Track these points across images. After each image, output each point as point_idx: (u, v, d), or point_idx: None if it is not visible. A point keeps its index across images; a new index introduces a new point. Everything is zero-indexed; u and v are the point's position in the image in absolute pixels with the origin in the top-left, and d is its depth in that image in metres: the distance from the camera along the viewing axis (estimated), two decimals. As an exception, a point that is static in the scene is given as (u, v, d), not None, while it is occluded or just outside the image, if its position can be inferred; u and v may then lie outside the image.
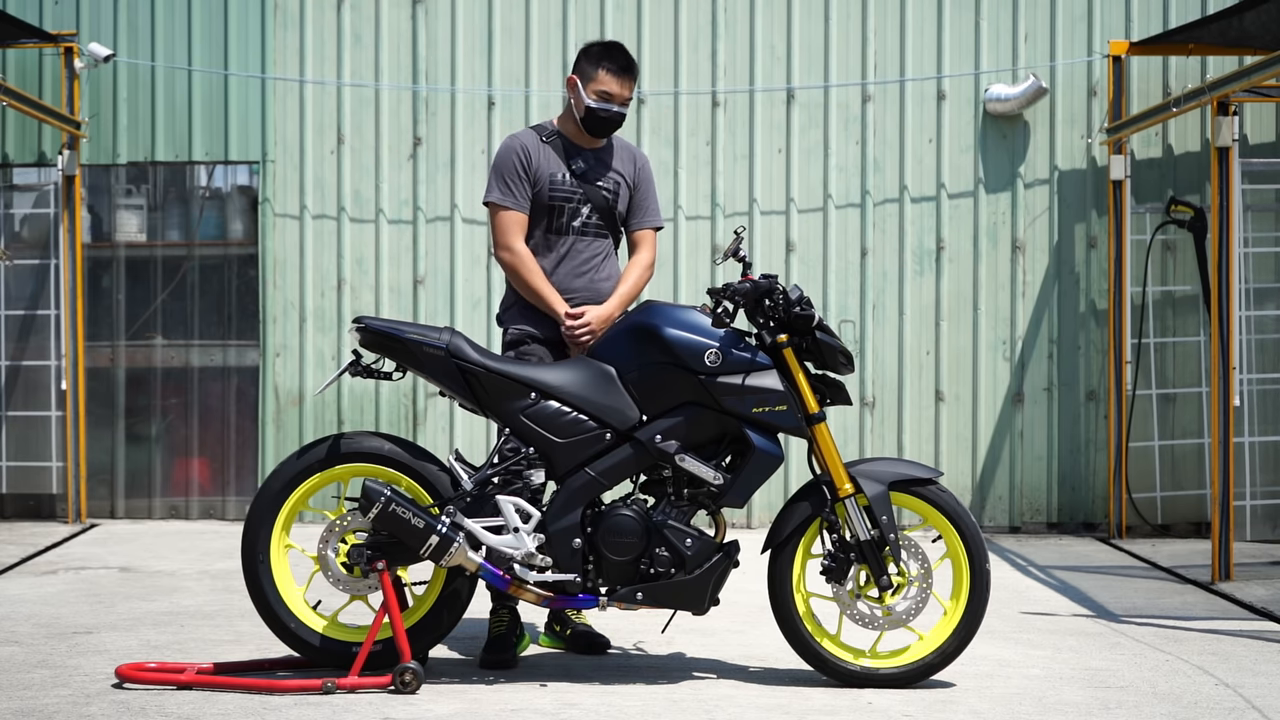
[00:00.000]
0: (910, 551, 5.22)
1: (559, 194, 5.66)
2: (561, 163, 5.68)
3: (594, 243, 5.71)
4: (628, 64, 5.65)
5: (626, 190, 5.76)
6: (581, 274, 5.70)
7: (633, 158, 5.81)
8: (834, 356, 5.23)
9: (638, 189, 5.79)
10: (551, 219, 5.68)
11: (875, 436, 9.21)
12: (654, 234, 5.82)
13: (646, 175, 5.82)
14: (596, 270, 5.72)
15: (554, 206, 5.66)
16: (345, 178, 9.32)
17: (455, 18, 9.33)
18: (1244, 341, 8.75)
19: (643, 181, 5.80)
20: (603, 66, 5.62)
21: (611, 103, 5.62)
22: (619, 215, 5.76)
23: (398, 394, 9.27)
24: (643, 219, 5.80)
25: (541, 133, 5.74)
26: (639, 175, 5.79)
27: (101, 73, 9.28)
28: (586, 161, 5.70)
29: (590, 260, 5.71)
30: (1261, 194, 9.07)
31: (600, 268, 5.73)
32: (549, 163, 5.67)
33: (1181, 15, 9.12)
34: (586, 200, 5.68)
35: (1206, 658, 5.73)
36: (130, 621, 6.23)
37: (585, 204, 5.68)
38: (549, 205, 5.66)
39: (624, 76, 5.63)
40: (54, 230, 9.14)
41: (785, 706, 4.92)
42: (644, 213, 5.80)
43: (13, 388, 9.27)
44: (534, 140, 5.70)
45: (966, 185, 9.25)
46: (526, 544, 5.14)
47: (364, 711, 4.77)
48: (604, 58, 5.64)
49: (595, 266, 5.72)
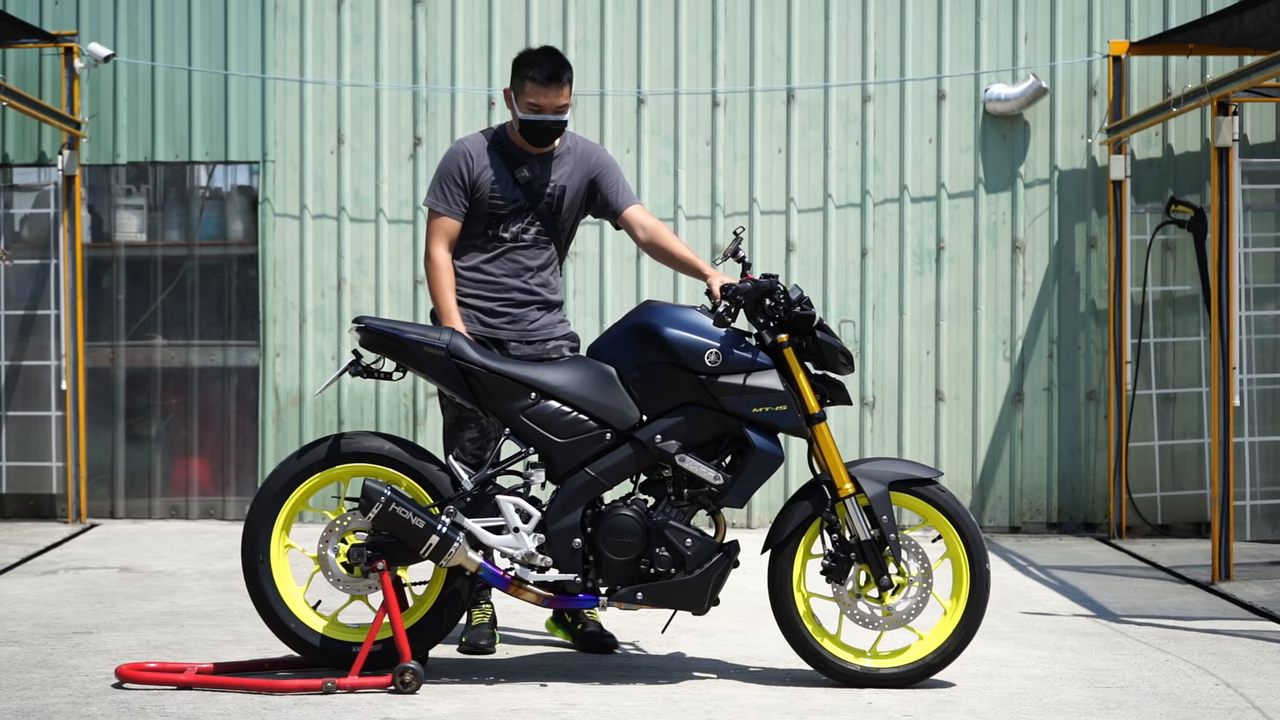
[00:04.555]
0: (910, 551, 5.22)
1: (498, 200, 5.64)
2: (506, 170, 5.66)
3: (533, 250, 5.70)
4: (554, 72, 5.58)
5: (575, 195, 5.72)
6: (517, 277, 5.68)
7: (585, 157, 5.75)
8: (834, 356, 5.23)
9: (602, 180, 5.74)
10: (489, 225, 5.67)
11: (875, 436, 9.21)
12: (640, 206, 5.77)
13: (605, 165, 5.76)
14: (534, 275, 5.70)
15: (493, 214, 5.65)
16: (345, 178, 9.32)
17: (455, 18, 9.33)
18: (1244, 341, 8.75)
19: (604, 173, 5.74)
20: (529, 78, 5.58)
21: (543, 113, 5.60)
22: (561, 220, 5.73)
23: (398, 394, 9.27)
24: (620, 200, 5.74)
25: (489, 137, 5.73)
26: (596, 170, 5.74)
27: (101, 73, 9.28)
28: (533, 169, 5.68)
29: (528, 266, 5.69)
30: (1261, 194, 9.07)
31: (537, 274, 5.71)
32: (493, 169, 5.65)
33: (1181, 15, 9.12)
34: (529, 209, 5.66)
35: (1206, 658, 5.73)
36: (130, 621, 6.23)
37: (527, 212, 5.66)
38: (489, 212, 5.65)
39: (550, 86, 5.57)
40: (54, 230, 9.14)
41: (785, 706, 4.92)
42: (619, 193, 5.75)
43: (13, 388, 9.27)
44: (480, 146, 5.70)
45: (966, 185, 9.25)
46: (526, 544, 5.15)
47: (364, 711, 4.78)
48: (531, 68, 5.60)
49: (533, 271, 5.70)
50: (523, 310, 5.70)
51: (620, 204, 5.74)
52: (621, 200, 5.75)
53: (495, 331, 5.66)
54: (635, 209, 5.75)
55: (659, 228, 5.71)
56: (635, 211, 5.75)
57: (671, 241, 5.69)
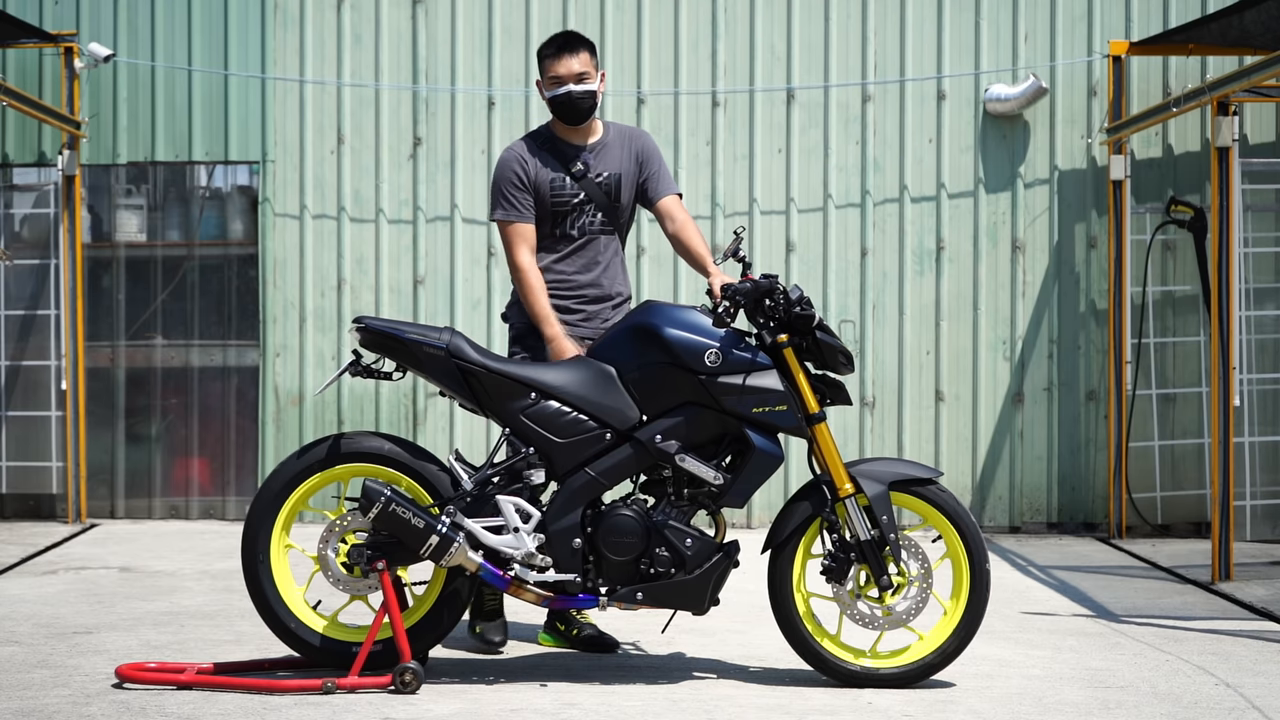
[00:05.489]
0: (910, 551, 5.22)
1: (560, 199, 5.66)
2: (560, 166, 5.67)
3: (600, 240, 5.72)
4: (565, 42, 5.64)
5: (629, 179, 5.74)
6: (589, 271, 5.71)
7: (630, 140, 5.78)
8: (834, 356, 5.23)
9: (646, 166, 5.75)
10: (555, 224, 5.68)
11: (875, 436, 9.21)
12: (678, 199, 5.78)
13: (650, 151, 5.78)
14: (604, 269, 5.73)
15: (557, 212, 5.67)
16: (345, 178, 9.32)
17: (455, 18, 9.33)
18: (1244, 341, 8.75)
19: (648, 158, 5.77)
20: (544, 57, 5.66)
21: (565, 83, 5.61)
22: (621, 209, 5.75)
23: (398, 394, 9.27)
24: (660, 189, 5.76)
25: (536, 139, 5.74)
26: (643, 155, 5.76)
27: (101, 73, 9.28)
28: (585, 161, 5.70)
29: (598, 260, 5.72)
30: (1261, 194, 9.07)
31: (610, 265, 5.74)
32: (547, 168, 5.66)
33: (1181, 15, 9.12)
34: (589, 200, 5.68)
35: (1206, 658, 5.73)
36: (130, 621, 6.23)
37: (588, 204, 5.68)
38: (552, 211, 5.67)
39: (563, 54, 5.61)
40: (54, 230, 9.14)
41: (785, 706, 4.93)
42: (659, 182, 5.76)
43: (13, 388, 9.27)
44: (530, 149, 5.70)
45: (966, 185, 9.25)
46: (526, 544, 5.15)
47: (364, 711, 4.78)
48: (545, 48, 5.68)
49: (604, 264, 5.73)
50: (598, 307, 5.72)
51: (660, 192, 5.76)
52: (662, 188, 5.77)
53: (573, 330, 5.66)
54: (672, 199, 5.77)
55: (688, 223, 5.72)
56: (672, 202, 5.76)
57: (693, 238, 5.70)
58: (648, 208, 5.81)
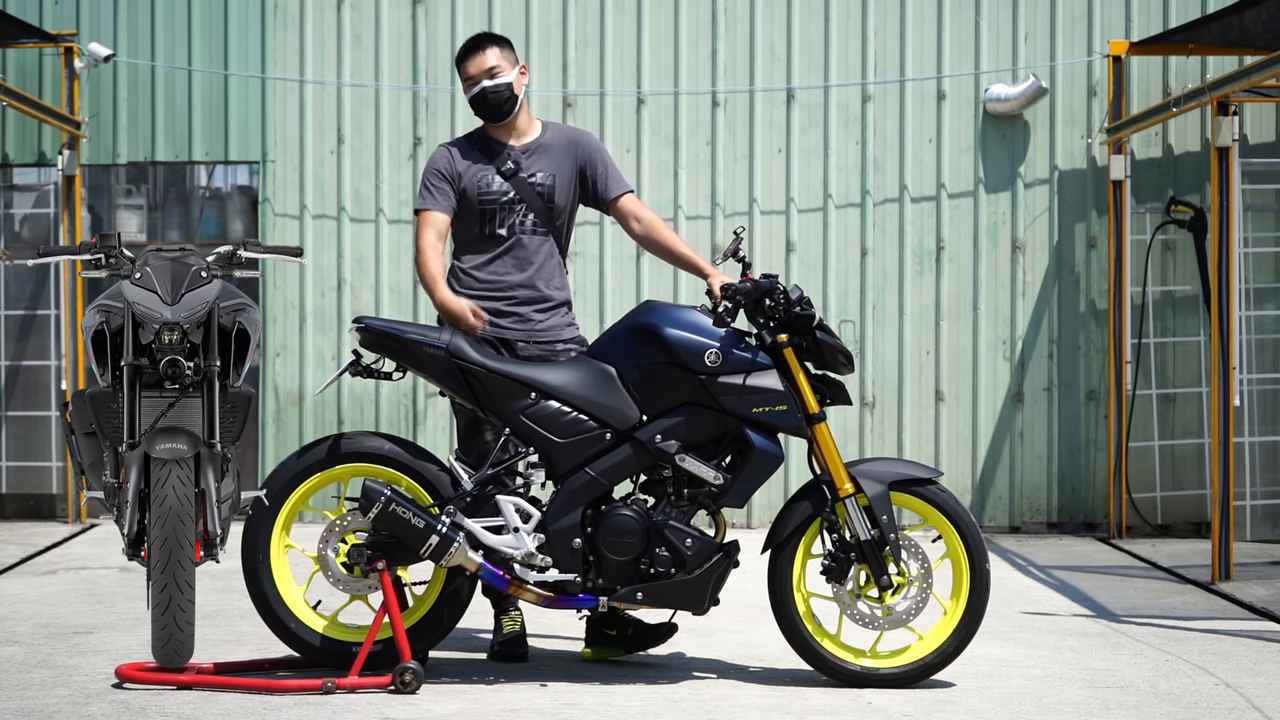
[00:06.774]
0: (910, 551, 5.22)
1: (488, 196, 5.58)
2: (489, 164, 5.61)
3: (533, 241, 5.60)
4: (474, 42, 5.64)
5: (566, 181, 5.64)
6: (520, 271, 5.58)
7: (572, 142, 5.68)
8: (834, 356, 5.23)
9: (591, 167, 5.66)
10: (484, 223, 5.60)
11: (875, 436, 9.21)
12: (633, 196, 5.70)
13: (593, 151, 5.68)
14: (538, 270, 5.60)
15: (485, 210, 5.59)
16: (345, 178, 9.32)
17: (455, 18, 9.33)
18: (1244, 341, 8.75)
19: (591, 159, 5.66)
20: (458, 64, 5.68)
21: (478, 81, 5.59)
22: (556, 211, 5.63)
23: (398, 394, 9.27)
24: (611, 187, 5.66)
25: (470, 138, 5.71)
26: (585, 156, 5.67)
27: (101, 73, 9.28)
28: (515, 160, 5.62)
29: (530, 260, 5.59)
30: (1261, 194, 9.07)
31: (544, 267, 5.62)
32: (476, 165, 5.60)
33: (1181, 15, 9.12)
34: (520, 200, 5.60)
35: (1206, 658, 5.73)
36: (130, 621, 6.23)
37: (519, 203, 5.60)
38: (480, 209, 5.59)
39: (472, 55, 5.61)
40: (54, 230, 9.14)
41: (785, 706, 4.93)
42: (610, 181, 5.67)
43: (13, 388, 9.27)
44: (462, 145, 5.67)
45: (966, 185, 9.25)
46: (526, 544, 5.15)
47: (364, 711, 4.78)
48: (456, 57, 5.71)
49: (538, 265, 5.60)
50: (528, 309, 5.60)
51: (611, 192, 5.66)
52: (612, 188, 5.66)
53: (502, 332, 5.57)
54: (628, 198, 5.67)
55: (655, 221, 5.63)
56: (628, 201, 5.66)
57: (669, 236, 5.63)
58: (604, 211, 5.72)
